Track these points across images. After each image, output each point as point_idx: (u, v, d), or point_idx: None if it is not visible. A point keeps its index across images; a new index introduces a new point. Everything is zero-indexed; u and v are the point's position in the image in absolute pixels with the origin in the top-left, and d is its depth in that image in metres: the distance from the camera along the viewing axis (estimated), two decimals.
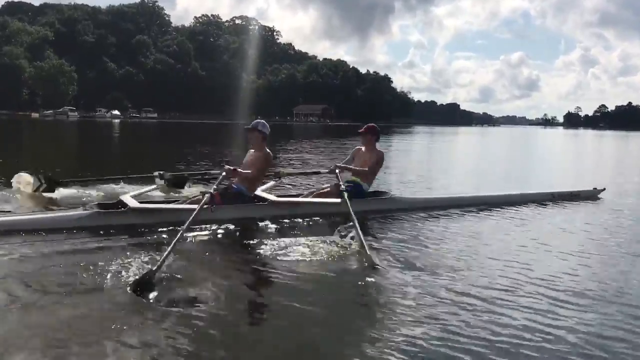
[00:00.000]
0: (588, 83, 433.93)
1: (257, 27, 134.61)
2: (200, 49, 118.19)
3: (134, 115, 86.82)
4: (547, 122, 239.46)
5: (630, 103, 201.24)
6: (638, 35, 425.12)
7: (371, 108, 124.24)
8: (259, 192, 6.13)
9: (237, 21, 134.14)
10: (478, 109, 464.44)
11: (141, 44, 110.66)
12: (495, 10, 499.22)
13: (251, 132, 6.01)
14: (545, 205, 7.55)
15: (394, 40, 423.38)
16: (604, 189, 8.55)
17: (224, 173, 5.66)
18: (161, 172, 7.43)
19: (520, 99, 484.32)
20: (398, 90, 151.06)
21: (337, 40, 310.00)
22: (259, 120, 6.12)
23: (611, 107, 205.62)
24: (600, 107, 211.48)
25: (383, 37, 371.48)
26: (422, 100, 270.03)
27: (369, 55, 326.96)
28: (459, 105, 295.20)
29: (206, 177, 7.96)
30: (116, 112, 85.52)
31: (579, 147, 38.26)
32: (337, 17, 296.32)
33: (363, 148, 6.73)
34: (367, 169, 6.53)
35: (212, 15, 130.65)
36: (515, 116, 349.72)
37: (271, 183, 7.01)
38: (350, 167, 6.62)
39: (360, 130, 6.68)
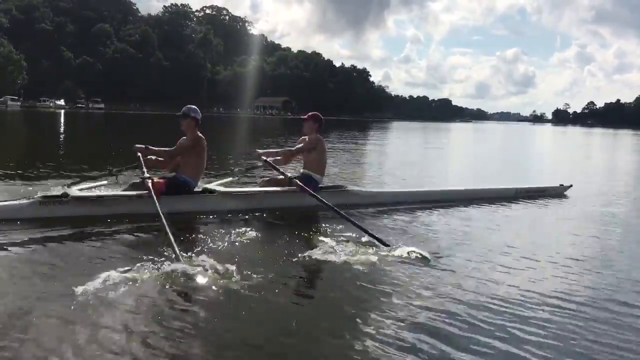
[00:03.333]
0: (584, 80, 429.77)
1: (227, 17, 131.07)
2: (166, 38, 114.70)
3: (79, 105, 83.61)
4: (536, 118, 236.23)
5: (618, 100, 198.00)
6: (634, 33, 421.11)
7: (343, 102, 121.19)
8: (212, 185, 6.11)
9: (207, 11, 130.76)
10: (474, 104, 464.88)
11: (102, 32, 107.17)
12: (491, 6, 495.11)
13: (182, 119, 5.99)
14: (508, 201, 7.38)
15: (389, 34, 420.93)
16: (571, 186, 8.38)
17: (138, 154, 5.77)
18: (112, 169, 6.76)
19: (515, 95, 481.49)
20: (376, 84, 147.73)
21: (332, 34, 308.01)
22: (190, 106, 6.10)
23: (602, 104, 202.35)
24: (589, 104, 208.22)
25: (378, 31, 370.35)
26: (415, 96, 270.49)
27: (364, 49, 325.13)
28: (450, 101, 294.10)
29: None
30: (61, 101, 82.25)
31: (558, 143, 37.51)
32: (332, 10, 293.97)
33: (306, 137, 6.60)
34: (293, 149, 6.68)
35: (181, 4, 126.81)
36: (510, 112, 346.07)
37: (228, 179, 6.93)
38: (271, 150, 6.76)
39: (302, 117, 6.64)
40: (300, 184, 5.80)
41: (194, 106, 6.09)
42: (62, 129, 28.50)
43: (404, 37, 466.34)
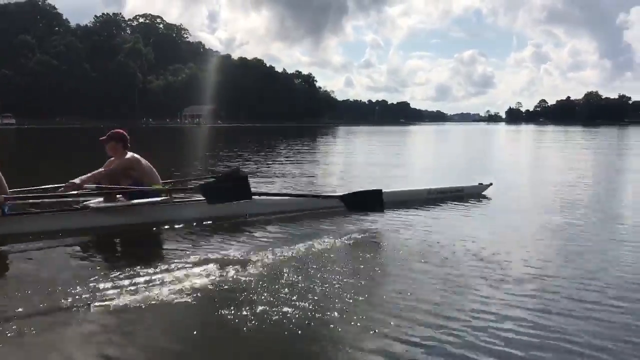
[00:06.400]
0: (541, 79, 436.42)
1: (162, 25, 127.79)
2: (95, 49, 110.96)
3: None
4: (490, 118, 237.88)
5: (569, 97, 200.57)
6: (586, 32, 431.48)
7: (283, 108, 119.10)
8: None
9: (141, 19, 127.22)
10: (435, 107, 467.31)
11: (23, 44, 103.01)
12: (448, 9, 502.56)
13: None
14: (420, 204, 6.88)
15: (348, 40, 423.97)
16: (491, 184, 7.90)
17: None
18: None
19: (476, 96, 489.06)
20: (322, 90, 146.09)
21: (292, 41, 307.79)
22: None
23: (552, 102, 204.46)
24: (540, 102, 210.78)
25: (337, 37, 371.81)
26: (374, 100, 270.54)
27: (324, 56, 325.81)
28: (409, 104, 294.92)
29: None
30: None
31: (497, 142, 36.08)
32: (290, 18, 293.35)
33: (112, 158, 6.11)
34: (105, 171, 5.95)
35: (113, 13, 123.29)
36: (469, 113, 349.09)
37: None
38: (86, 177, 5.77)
39: (101, 139, 6.02)
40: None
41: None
42: None
43: (363, 43, 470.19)
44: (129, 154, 5.96)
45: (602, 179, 12.02)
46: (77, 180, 5.65)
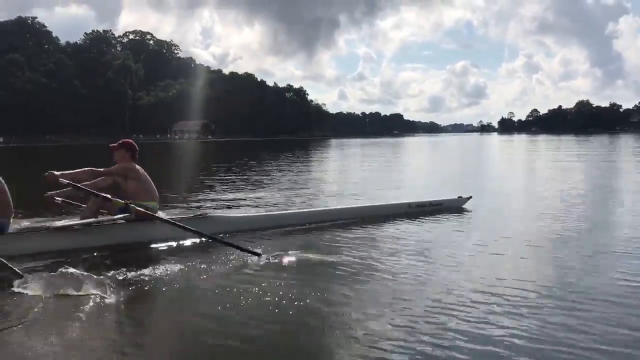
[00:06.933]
0: (533, 88, 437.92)
1: (152, 41, 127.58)
2: (84, 66, 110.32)
3: None
4: (483, 128, 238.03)
5: (560, 106, 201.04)
6: (576, 42, 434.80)
7: (274, 122, 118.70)
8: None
9: (131, 36, 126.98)
10: (428, 118, 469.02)
11: (12, 62, 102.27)
12: (439, 21, 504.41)
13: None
14: (399, 218, 6.82)
15: (341, 54, 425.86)
16: (470, 197, 7.83)
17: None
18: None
19: (469, 107, 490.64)
20: (313, 103, 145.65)
21: (285, 56, 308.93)
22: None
23: (544, 111, 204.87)
24: (532, 111, 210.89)
25: (330, 51, 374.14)
26: (367, 112, 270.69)
27: (317, 69, 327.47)
28: (402, 116, 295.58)
29: None
30: None
31: (485, 153, 36.26)
32: (283, 33, 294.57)
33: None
34: (99, 169, 5.80)
35: (103, 30, 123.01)
36: (463, 124, 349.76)
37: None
38: (70, 171, 5.56)
39: (112, 145, 5.99)
40: (143, 210, 5.44)
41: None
42: None
43: (356, 56, 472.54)
44: (132, 164, 5.91)
45: (588, 188, 11.75)
46: (56, 172, 5.42)
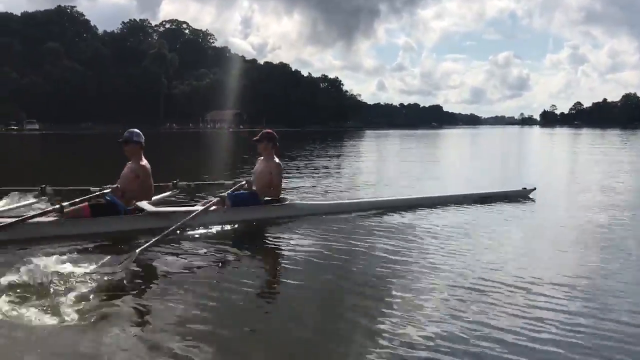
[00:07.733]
0: (578, 81, 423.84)
1: (188, 30, 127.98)
2: (121, 54, 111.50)
3: (10, 128, 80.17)
4: (524, 121, 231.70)
5: (605, 100, 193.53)
6: (625, 32, 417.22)
7: (306, 112, 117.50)
8: (143, 204, 5.78)
9: (167, 25, 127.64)
10: (469, 110, 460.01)
11: (51, 51, 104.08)
12: (482, 11, 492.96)
13: (126, 144, 5.85)
14: (469, 207, 7.19)
15: (380, 44, 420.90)
16: (535, 189, 8.17)
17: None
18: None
19: (511, 99, 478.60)
20: (349, 94, 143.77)
21: (324, 45, 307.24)
22: (132, 130, 5.94)
23: (588, 104, 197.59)
24: (575, 104, 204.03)
25: (369, 41, 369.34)
26: (406, 104, 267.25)
27: (356, 59, 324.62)
28: (441, 107, 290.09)
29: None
30: None
31: (532, 146, 36.20)
32: (322, 22, 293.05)
33: (261, 157, 6.44)
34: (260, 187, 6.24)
35: (139, 19, 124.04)
36: (504, 116, 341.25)
37: (167, 193, 6.84)
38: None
39: (254, 138, 6.39)
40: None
41: (136, 130, 5.95)
42: None
43: (396, 46, 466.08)
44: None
45: None
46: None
